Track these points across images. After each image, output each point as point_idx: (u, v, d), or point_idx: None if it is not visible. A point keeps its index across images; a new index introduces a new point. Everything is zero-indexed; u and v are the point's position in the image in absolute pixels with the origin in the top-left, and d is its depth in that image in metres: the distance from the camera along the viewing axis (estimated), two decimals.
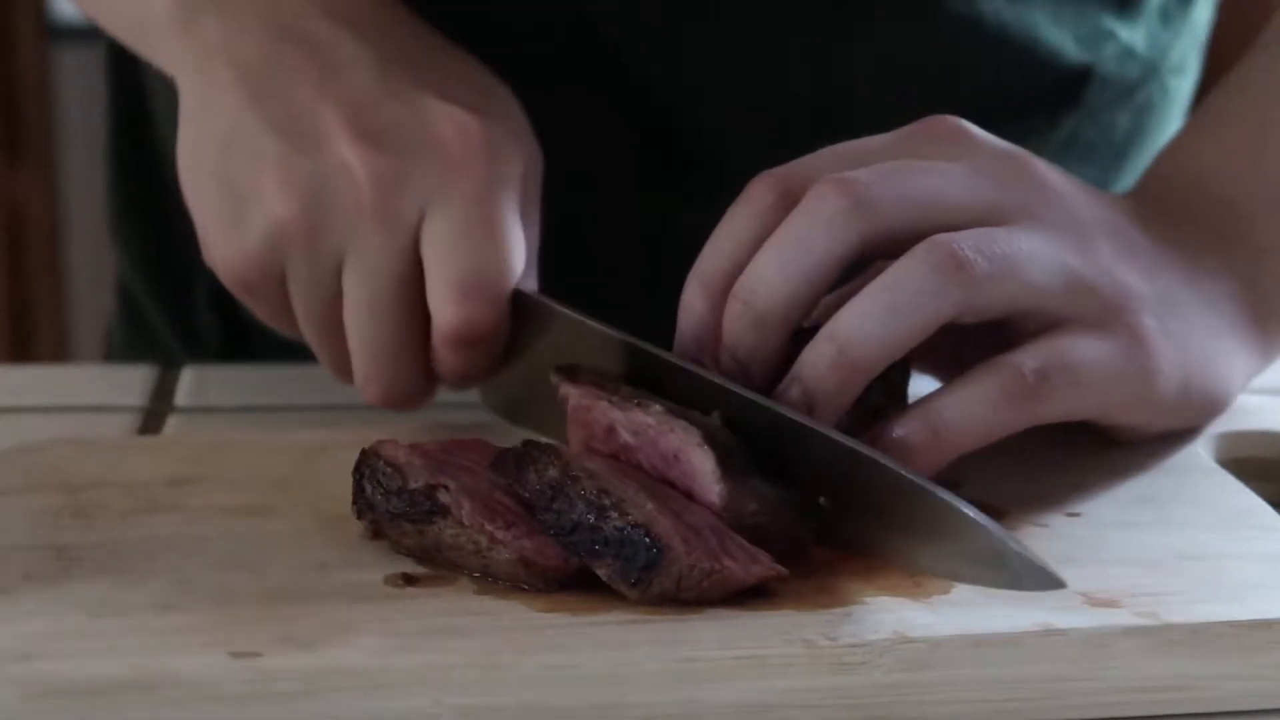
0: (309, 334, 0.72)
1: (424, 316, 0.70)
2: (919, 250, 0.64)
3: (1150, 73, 0.88)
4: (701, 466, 0.62)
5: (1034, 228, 0.66)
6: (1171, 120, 0.93)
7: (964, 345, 0.67)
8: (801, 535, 0.62)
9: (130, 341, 0.97)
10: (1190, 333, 0.70)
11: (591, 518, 0.59)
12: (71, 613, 0.59)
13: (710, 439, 0.62)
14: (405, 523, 0.61)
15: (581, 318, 0.69)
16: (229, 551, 0.63)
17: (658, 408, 0.64)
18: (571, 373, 0.66)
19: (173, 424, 0.82)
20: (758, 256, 0.65)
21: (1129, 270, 0.68)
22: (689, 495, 0.62)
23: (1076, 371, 0.66)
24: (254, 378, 0.86)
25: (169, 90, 0.89)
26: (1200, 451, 0.72)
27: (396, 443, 0.63)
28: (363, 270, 0.69)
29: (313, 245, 0.69)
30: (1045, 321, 0.66)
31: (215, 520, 0.66)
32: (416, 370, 0.70)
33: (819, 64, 0.82)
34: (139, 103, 0.92)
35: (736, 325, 0.65)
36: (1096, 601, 0.60)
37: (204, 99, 0.73)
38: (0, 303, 2.52)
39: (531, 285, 0.72)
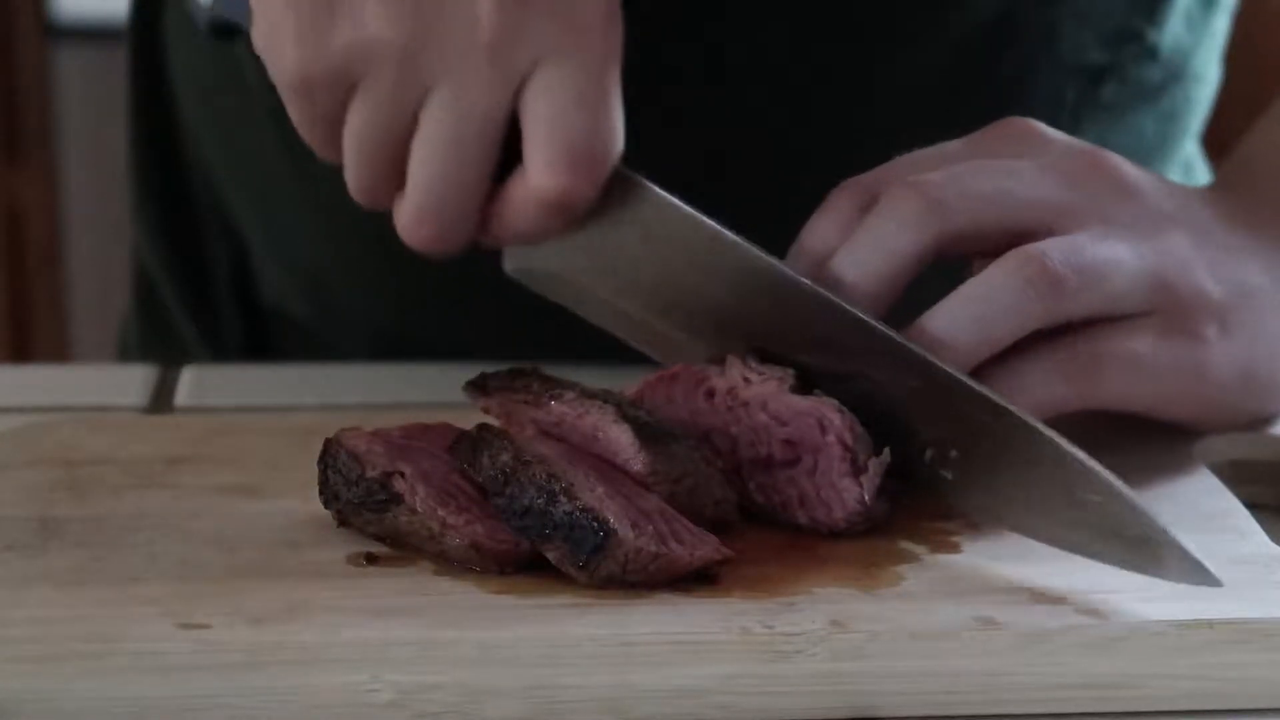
0: (356, 152, 0.68)
1: (494, 165, 0.67)
2: (1011, 263, 0.66)
3: (1173, 78, 0.88)
4: (620, 439, 0.64)
5: (1111, 229, 0.68)
6: (1193, 129, 0.92)
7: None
8: (729, 498, 0.65)
9: (146, 339, 0.99)
10: (1261, 322, 0.71)
11: (541, 502, 0.60)
12: (39, 582, 0.61)
13: (624, 414, 0.64)
14: (365, 511, 0.63)
15: (688, 209, 0.67)
16: (207, 528, 0.65)
17: (570, 394, 0.65)
18: (481, 386, 0.67)
19: None
20: (836, 258, 0.67)
21: (1202, 266, 0.70)
22: (614, 468, 0.63)
23: (1131, 361, 0.68)
24: (254, 378, 0.88)
25: (191, 74, 0.90)
26: (1193, 453, 0.72)
27: (360, 430, 0.64)
28: (455, 105, 0.66)
29: (405, 68, 0.65)
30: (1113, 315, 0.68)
31: (203, 498, 0.68)
32: (471, 217, 0.68)
33: (841, 76, 0.82)
34: (161, 89, 0.94)
35: None
36: (1044, 598, 0.59)
37: None
38: (0, 303, 2.55)
39: None
